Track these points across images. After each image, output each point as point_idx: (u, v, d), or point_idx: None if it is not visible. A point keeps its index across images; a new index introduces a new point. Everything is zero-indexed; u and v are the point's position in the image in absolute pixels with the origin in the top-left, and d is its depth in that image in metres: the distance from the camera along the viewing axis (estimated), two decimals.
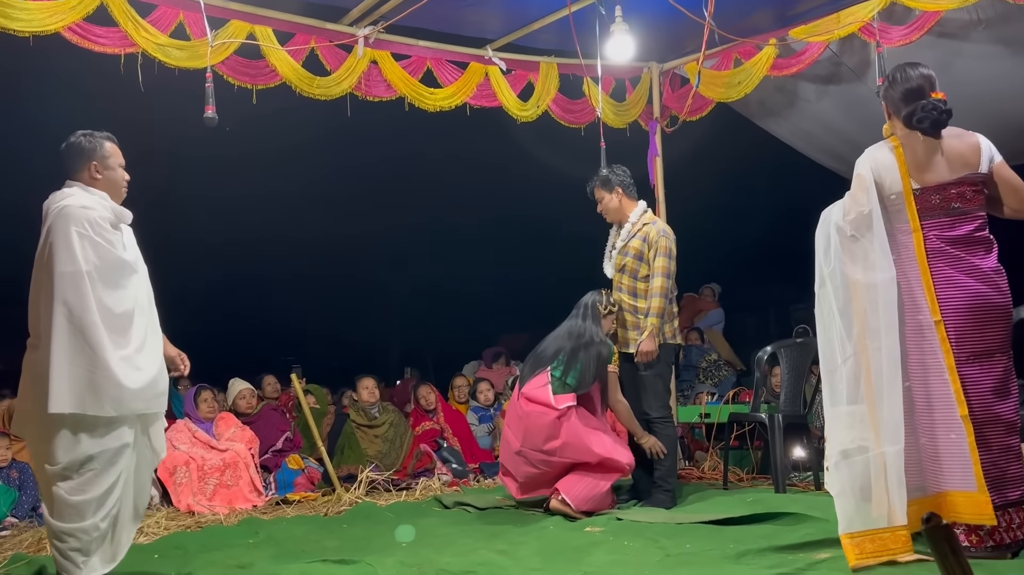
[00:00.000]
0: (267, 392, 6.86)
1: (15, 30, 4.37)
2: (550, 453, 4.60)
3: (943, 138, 3.18)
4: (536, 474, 4.68)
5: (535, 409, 4.65)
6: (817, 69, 6.03)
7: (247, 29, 5.09)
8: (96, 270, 3.10)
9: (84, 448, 3.05)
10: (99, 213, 3.18)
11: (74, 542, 3.06)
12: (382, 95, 5.67)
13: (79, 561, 3.08)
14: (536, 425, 4.63)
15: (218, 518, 5.02)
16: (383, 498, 5.47)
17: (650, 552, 3.62)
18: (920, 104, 3.16)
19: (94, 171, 3.29)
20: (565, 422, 4.58)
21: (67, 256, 3.06)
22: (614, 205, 5.02)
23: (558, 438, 4.57)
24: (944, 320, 3.09)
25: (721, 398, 6.62)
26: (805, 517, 4.04)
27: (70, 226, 3.08)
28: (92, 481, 3.08)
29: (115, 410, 3.07)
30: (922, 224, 3.15)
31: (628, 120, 6.54)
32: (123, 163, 3.41)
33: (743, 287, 10.35)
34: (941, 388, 3.09)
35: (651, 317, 4.80)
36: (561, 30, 5.80)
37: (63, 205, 3.14)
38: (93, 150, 3.29)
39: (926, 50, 5.22)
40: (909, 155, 3.17)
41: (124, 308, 3.16)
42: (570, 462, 4.61)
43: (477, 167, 9.29)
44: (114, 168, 3.34)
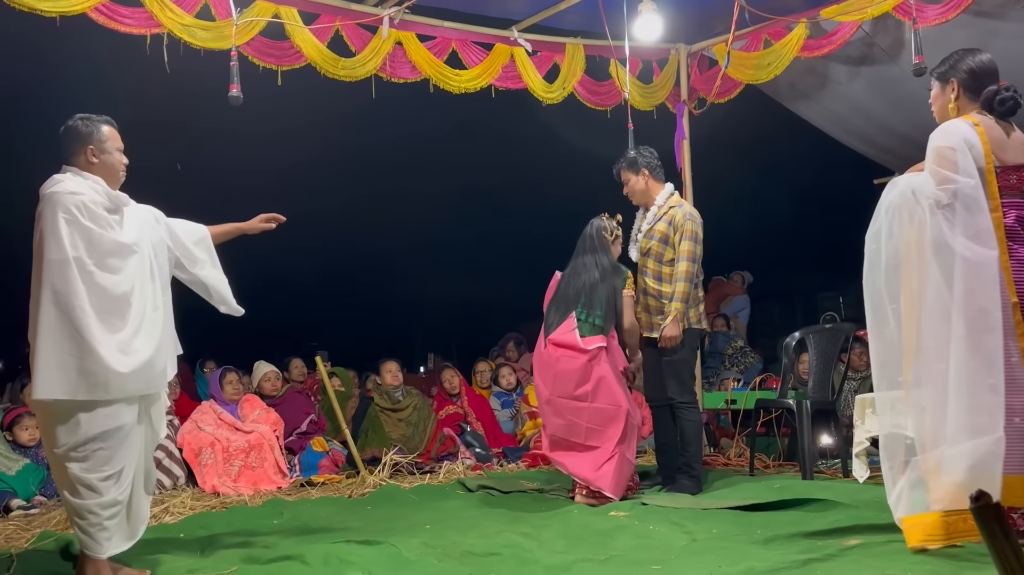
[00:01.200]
0: (294, 375, 6.87)
1: (43, 10, 4.37)
2: (581, 398, 4.52)
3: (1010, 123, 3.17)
4: (564, 426, 4.56)
5: (564, 353, 4.58)
6: (849, 50, 5.92)
7: (272, 9, 5.08)
8: (87, 254, 3.06)
9: (85, 430, 3.03)
10: (89, 197, 3.14)
11: (94, 518, 3.06)
12: (407, 76, 5.63)
13: (101, 537, 3.08)
14: (566, 370, 4.55)
15: (243, 499, 5.05)
16: (407, 481, 5.47)
17: (676, 537, 3.58)
18: (1002, 87, 3.14)
19: (90, 155, 3.23)
20: (595, 365, 4.52)
21: (54, 243, 3.03)
22: (640, 187, 4.94)
23: (589, 381, 4.51)
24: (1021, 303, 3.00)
25: (747, 384, 6.55)
26: (834, 503, 3.99)
27: (57, 212, 3.05)
28: (105, 459, 3.08)
29: (106, 394, 3.05)
30: (1001, 202, 3.07)
31: (655, 102, 6.47)
32: (121, 147, 3.34)
33: (769, 274, 10.24)
34: (1010, 372, 2.97)
35: (675, 302, 4.71)
36: (588, 10, 5.73)
37: (52, 191, 3.10)
38: (90, 134, 3.24)
39: (962, 29, 5.11)
40: (988, 133, 3.11)
41: (122, 290, 3.13)
42: (601, 410, 4.50)
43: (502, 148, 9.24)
44: (111, 152, 3.27)
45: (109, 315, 3.08)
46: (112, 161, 3.28)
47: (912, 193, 3.08)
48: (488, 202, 10.33)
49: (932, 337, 3.01)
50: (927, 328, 3.02)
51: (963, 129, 3.11)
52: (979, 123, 3.12)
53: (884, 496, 3.96)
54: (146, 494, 3.37)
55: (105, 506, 3.07)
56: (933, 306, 3.01)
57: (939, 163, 3.08)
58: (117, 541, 3.13)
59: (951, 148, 3.08)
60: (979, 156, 3.08)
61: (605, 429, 4.51)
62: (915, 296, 3.06)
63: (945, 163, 3.07)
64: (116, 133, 3.33)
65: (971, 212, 3.02)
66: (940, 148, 3.10)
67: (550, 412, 4.65)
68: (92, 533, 3.07)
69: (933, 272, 3.02)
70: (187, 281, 3.57)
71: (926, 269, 3.04)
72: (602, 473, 4.47)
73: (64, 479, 3.08)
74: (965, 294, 2.97)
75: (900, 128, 6.48)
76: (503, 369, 7.33)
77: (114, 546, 3.12)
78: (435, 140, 9.29)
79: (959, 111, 3.22)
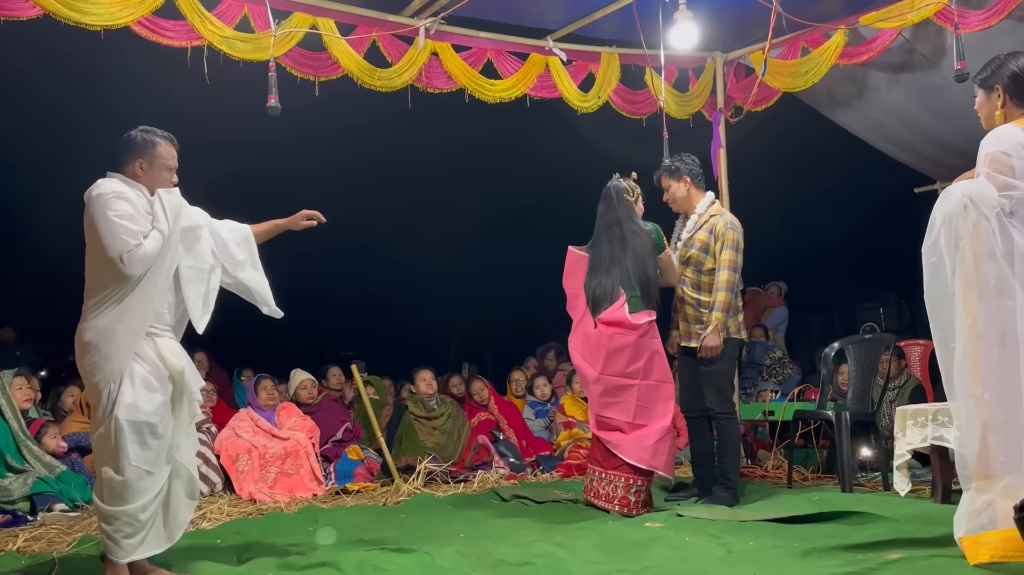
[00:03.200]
0: (331, 383, 6.91)
1: (87, 24, 4.48)
2: (632, 375, 4.46)
3: None
4: (613, 405, 4.49)
5: (616, 331, 4.49)
6: (888, 57, 5.83)
7: (310, 21, 5.15)
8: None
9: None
10: (131, 197, 3.17)
11: (125, 519, 3.10)
12: (442, 87, 5.67)
13: (123, 543, 3.12)
14: (618, 347, 4.47)
15: (279, 506, 5.08)
16: (441, 489, 5.48)
17: (712, 549, 3.54)
18: None
19: (138, 167, 3.25)
20: (647, 340, 4.49)
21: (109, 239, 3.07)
22: (682, 194, 4.90)
23: (641, 358, 4.46)
24: None
25: (785, 396, 6.46)
26: (874, 516, 3.91)
27: (106, 211, 3.08)
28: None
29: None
30: None
31: (691, 111, 6.43)
32: (172, 166, 3.32)
33: (808, 284, 10.10)
34: None
35: (716, 311, 4.66)
36: (623, 19, 5.72)
37: (97, 194, 3.12)
38: (143, 147, 3.26)
39: (1005, 35, 5.02)
40: None
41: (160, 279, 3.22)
42: (652, 386, 4.47)
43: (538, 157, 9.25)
44: (159, 170, 3.27)
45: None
46: (154, 179, 3.28)
47: (971, 201, 2.99)
48: (524, 210, 10.33)
49: (1007, 350, 2.91)
50: (1001, 340, 2.92)
51: (1016, 133, 3.03)
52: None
53: (926, 510, 3.93)
54: (188, 499, 3.39)
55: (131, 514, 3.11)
56: (1008, 317, 2.91)
57: (996, 168, 2.99)
58: (136, 545, 3.15)
59: (1006, 153, 2.99)
60: None
61: (655, 406, 4.47)
62: (984, 307, 2.96)
63: (1002, 168, 2.98)
64: (172, 151, 3.33)
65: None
66: (995, 154, 3.01)
67: (598, 392, 4.53)
68: (114, 537, 3.11)
69: (1007, 281, 2.92)
70: (229, 286, 3.56)
71: (996, 279, 2.94)
72: (655, 449, 4.42)
73: (99, 481, 3.14)
74: None
75: (942, 136, 6.37)
76: (538, 379, 7.32)
77: (129, 550, 3.13)
78: (470, 150, 9.32)
79: (1006, 117, 3.13)
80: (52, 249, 6.54)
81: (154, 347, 3.20)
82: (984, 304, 2.95)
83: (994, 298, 2.94)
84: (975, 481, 2.96)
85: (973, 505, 2.95)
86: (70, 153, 7.06)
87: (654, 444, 4.43)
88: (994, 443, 2.90)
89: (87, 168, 3.46)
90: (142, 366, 3.14)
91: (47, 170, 7.72)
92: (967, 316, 2.97)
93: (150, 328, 3.20)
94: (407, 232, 10.69)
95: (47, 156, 7.91)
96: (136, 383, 3.12)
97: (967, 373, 2.96)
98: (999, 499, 2.87)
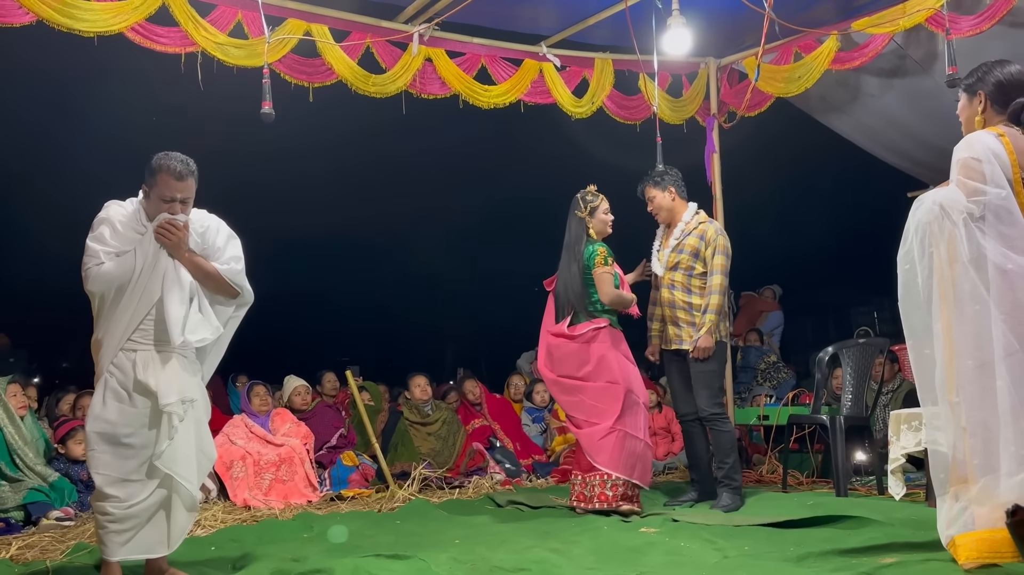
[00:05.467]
0: (326, 389, 6.90)
1: (80, 30, 4.48)
2: (584, 378, 4.68)
3: None
4: (572, 403, 4.74)
5: (558, 341, 4.76)
6: (881, 62, 5.86)
7: (303, 27, 5.15)
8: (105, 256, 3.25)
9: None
10: (120, 218, 3.28)
11: (105, 519, 3.21)
12: (436, 92, 5.68)
13: (108, 541, 3.22)
14: (563, 355, 4.75)
15: (273, 513, 5.07)
16: (436, 495, 5.47)
17: (707, 554, 3.54)
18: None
19: (143, 192, 3.36)
20: (592, 344, 4.66)
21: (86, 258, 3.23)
22: (667, 204, 4.97)
23: (589, 362, 4.66)
24: None
25: (780, 400, 6.47)
26: (868, 521, 3.91)
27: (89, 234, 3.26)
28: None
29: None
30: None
31: (685, 116, 6.45)
32: (170, 197, 3.25)
33: (802, 288, 10.12)
34: None
35: (709, 314, 4.75)
36: (616, 25, 5.74)
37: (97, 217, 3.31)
38: (149, 174, 3.29)
39: (996, 40, 5.05)
40: (1014, 144, 3.05)
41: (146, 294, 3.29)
42: (601, 388, 4.62)
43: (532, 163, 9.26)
44: (155, 200, 3.27)
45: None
46: (154, 207, 3.29)
47: (941, 208, 3.02)
48: (520, 216, 10.33)
49: (981, 354, 2.93)
50: (975, 345, 2.94)
51: (988, 140, 3.06)
52: (1004, 134, 3.07)
53: (921, 514, 3.93)
54: (184, 509, 3.42)
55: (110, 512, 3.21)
56: (979, 322, 2.94)
57: (966, 174, 3.03)
58: (121, 545, 3.23)
59: (976, 159, 3.03)
60: (1006, 168, 3.02)
61: (606, 406, 4.61)
62: (956, 313, 2.99)
63: (972, 174, 3.02)
64: (172, 183, 3.24)
65: (1005, 223, 2.96)
66: (965, 160, 3.05)
67: (559, 391, 4.85)
68: (101, 536, 3.24)
69: (976, 287, 2.94)
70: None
71: (966, 284, 2.96)
72: (600, 446, 4.58)
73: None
74: (1013, 307, 2.90)
75: (934, 140, 6.39)
76: (538, 385, 7.31)
77: (115, 550, 3.23)
78: (465, 156, 9.33)
79: (985, 123, 3.17)
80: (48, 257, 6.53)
81: (132, 360, 3.26)
82: (957, 310, 2.98)
83: (967, 304, 2.96)
84: (952, 485, 2.98)
85: (951, 509, 2.98)
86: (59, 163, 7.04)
87: (599, 441, 4.59)
88: (970, 447, 2.92)
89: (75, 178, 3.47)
90: (115, 378, 3.25)
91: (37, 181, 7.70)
92: (941, 322, 3.00)
93: (131, 342, 3.27)
94: (403, 238, 10.69)
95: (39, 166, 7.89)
96: (107, 394, 3.24)
97: (942, 379, 2.99)
98: (975, 502, 2.90)
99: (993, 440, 2.88)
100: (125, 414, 3.23)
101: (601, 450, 4.58)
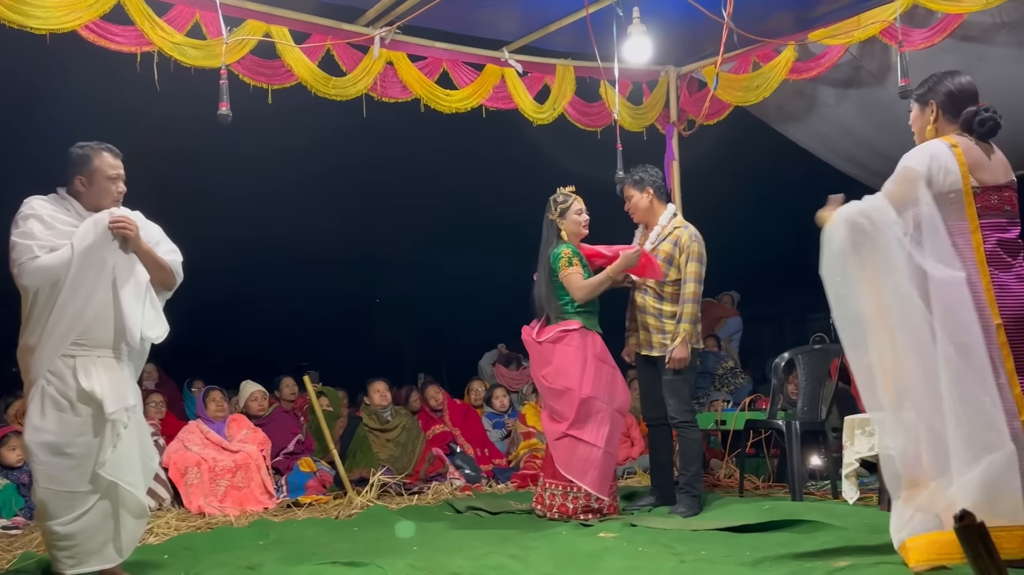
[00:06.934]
0: (284, 394, 6.82)
1: (32, 27, 4.38)
2: (545, 378, 4.71)
3: (990, 144, 3.20)
4: (546, 403, 4.79)
5: (529, 342, 4.84)
6: (837, 73, 5.97)
7: (263, 28, 5.09)
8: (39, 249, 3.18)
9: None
10: (48, 213, 3.23)
11: (53, 538, 3.15)
12: (398, 96, 5.65)
13: (59, 557, 3.16)
14: (532, 356, 4.86)
15: (228, 519, 4.99)
16: (395, 502, 5.43)
17: (665, 558, 3.56)
18: (982, 107, 3.17)
19: (79, 184, 3.31)
20: (556, 346, 4.67)
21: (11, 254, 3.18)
22: (644, 205, 4.94)
23: (551, 363, 4.68)
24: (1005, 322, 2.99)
25: (737, 405, 6.53)
26: (823, 525, 3.97)
27: (12, 230, 3.20)
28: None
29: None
30: (982, 223, 3.06)
31: (645, 123, 6.50)
32: (115, 175, 3.35)
33: (759, 295, 10.24)
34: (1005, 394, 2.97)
35: (684, 323, 4.71)
36: (578, 32, 5.76)
37: (17, 214, 3.24)
38: (80, 163, 3.31)
39: (948, 53, 5.16)
40: (968, 152, 3.12)
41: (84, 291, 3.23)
42: (556, 390, 4.65)
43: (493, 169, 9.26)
44: (100, 182, 3.32)
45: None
46: (100, 191, 3.32)
47: (869, 219, 3.10)
48: (480, 221, 10.33)
49: (920, 359, 3.00)
50: (916, 353, 3.01)
51: (939, 150, 3.13)
52: (957, 144, 3.13)
53: (874, 518, 3.98)
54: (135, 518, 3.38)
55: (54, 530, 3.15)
56: (915, 328, 3.01)
57: (899, 184, 3.12)
58: (84, 563, 3.18)
59: (914, 170, 3.11)
60: (955, 178, 3.08)
61: (561, 410, 4.63)
62: (895, 322, 3.06)
63: (906, 184, 3.11)
64: (111, 162, 3.34)
65: (932, 235, 3.05)
66: (905, 169, 3.13)
67: (539, 389, 4.96)
68: (53, 554, 3.18)
69: (911, 297, 3.02)
70: None
71: (902, 294, 3.04)
72: (554, 446, 4.64)
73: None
74: (946, 314, 2.97)
75: (888, 150, 6.50)
76: (497, 390, 7.31)
77: (71, 567, 3.17)
78: (426, 160, 9.31)
79: (937, 132, 3.24)
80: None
81: (71, 366, 3.18)
82: (894, 320, 3.05)
83: (903, 314, 3.03)
84: (903, 490, 3.04)
85: (903, 514, 3.03)
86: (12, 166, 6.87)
87: (553, 442, 4.66)
88: (918, 451, 2.99)
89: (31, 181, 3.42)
90: (53, 386, 3.15)
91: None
92: (879, 331, 3.07)
93: (72, 348, 3.19)
94: (364, 242, 10.63)
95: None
96: (45, 403, 3.14)
97: (886, 385, 3.05)
98: (925, 505, 2.96)
99: (941, 445, 2.94)
100: (67, 423, 3.14)
101: (555, 450, 4.63)
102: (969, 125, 3.18)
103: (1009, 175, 3.18)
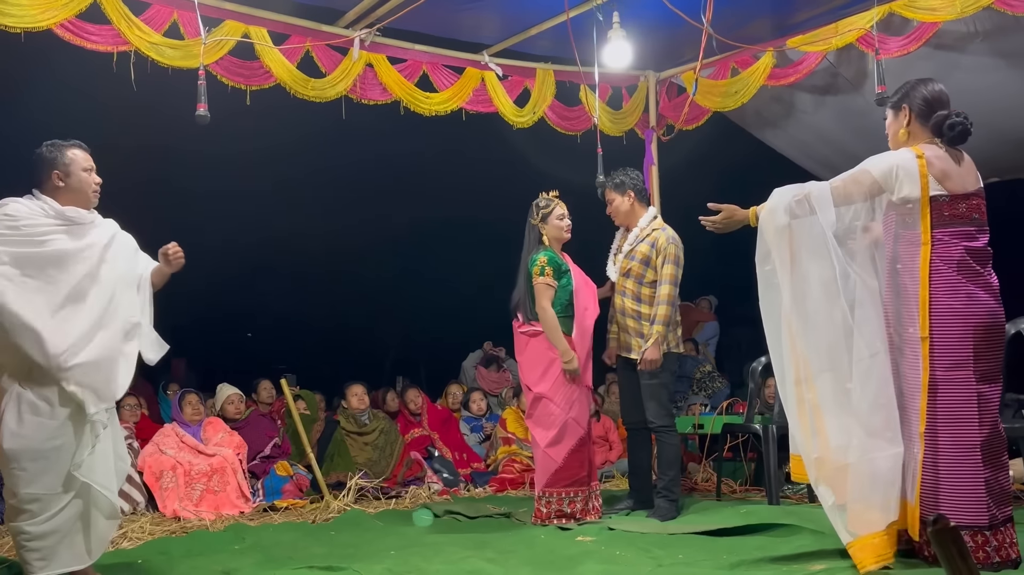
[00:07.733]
0: (262, 398, 6.76)
1: (7, 25, 4.32)
2: (520, 366, 4.82)
3: (960, 151, 3.25)
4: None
5: (515, 327, 4.86)
6: (814, 79, 6.02)
7: (241, 29, 5.06)
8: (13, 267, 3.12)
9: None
10: (26, 217, 3.20)
11: (23, 539, 3.14)
12: (377, 98, 5.63)
13: (29, 559, 3.15)
14: (515, 342, 4.86)
15: (204, 524, 4.95)
16: (372, 506, 5.41)
17: (642, 562, 3.57)
18: (953, 111, 3.22)
19: (56, 179, 3.31)
20: (532, 340, 4.69)
21: None
22: (625, 208, 4.96)
23: (523, 354, 4.75)
24: (935, 337, 3.07)
25: (714, 409, 6.56)
26: (799, 528, 4.00)
27: None
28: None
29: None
30: (949, 232, 3.12)
31: (624, 128, 6.52)
32: (90, 167, 3.40)
33: (737, 299, 10.27)
34: (912, 403, 3.13)
35: (657, 325, 4.72)
36: (558, 36, 5.77)
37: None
38: (55, 159, 3.32)
39: (924, 61, 5.22)
40: (934, 162, 3.16)
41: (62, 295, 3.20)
42: (526, 384, 4.75)
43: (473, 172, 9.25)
44: (77, 174, 3.34)
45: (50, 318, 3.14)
46: (78, 183, 3.34)
47: (807, 202, 3.26)
48: (459, 224, 10.31)
49: (838, 358, 3.17)
50: (832, 350, 3.18)
51: (902, 159, 3.19)
52: (922, 155, 3.17)
53: None
54: (107, 519, 3.36)
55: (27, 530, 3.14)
56: (836, 329, 3.17)
57: (849, 183, 3.24)
58: (54, 565, 3.17)
59: (869, 174, 3.21)
60: (914, 187, 3.14)
61: (528, 399, 4.73)
62: (815, 318, 3.21)
63: (854, 186, 3.23)
64: (83, 155, 3.39)
65: (862, 240, 3.22)
66: (861, 172, 3.24)
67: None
68: (23, 555, 3.16)
69: (835, 296, 3.17)
70: None
71: (824, 292, 3.19)
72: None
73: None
74: (864, 319, 3.13)
75: (864, 156, 6.51)
76: (474, 394, 7.29)
77: (51, 569, 3.16)
78: (407, 163, 9.28)
79: (910, 136, 3.31)
80: None
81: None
82: (820, 317, 3.21)
83: (831, 311, 3.19)
84: (815, 471, 3.21)
85: (826, 503, 3.20)
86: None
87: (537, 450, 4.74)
88: (833, 444, 3.16)
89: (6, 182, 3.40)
90: (30, 391, 3.14)
91: None
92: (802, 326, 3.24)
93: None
94: (342, 245, 10.57)
95: None
96: (22, 409, 3.13)
97: (803, 381, 3.22)
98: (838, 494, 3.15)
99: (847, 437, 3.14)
100: (44, 427, 3.14)
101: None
102: (939, 129, 3.23)
103: (978, 182, 3.23)
